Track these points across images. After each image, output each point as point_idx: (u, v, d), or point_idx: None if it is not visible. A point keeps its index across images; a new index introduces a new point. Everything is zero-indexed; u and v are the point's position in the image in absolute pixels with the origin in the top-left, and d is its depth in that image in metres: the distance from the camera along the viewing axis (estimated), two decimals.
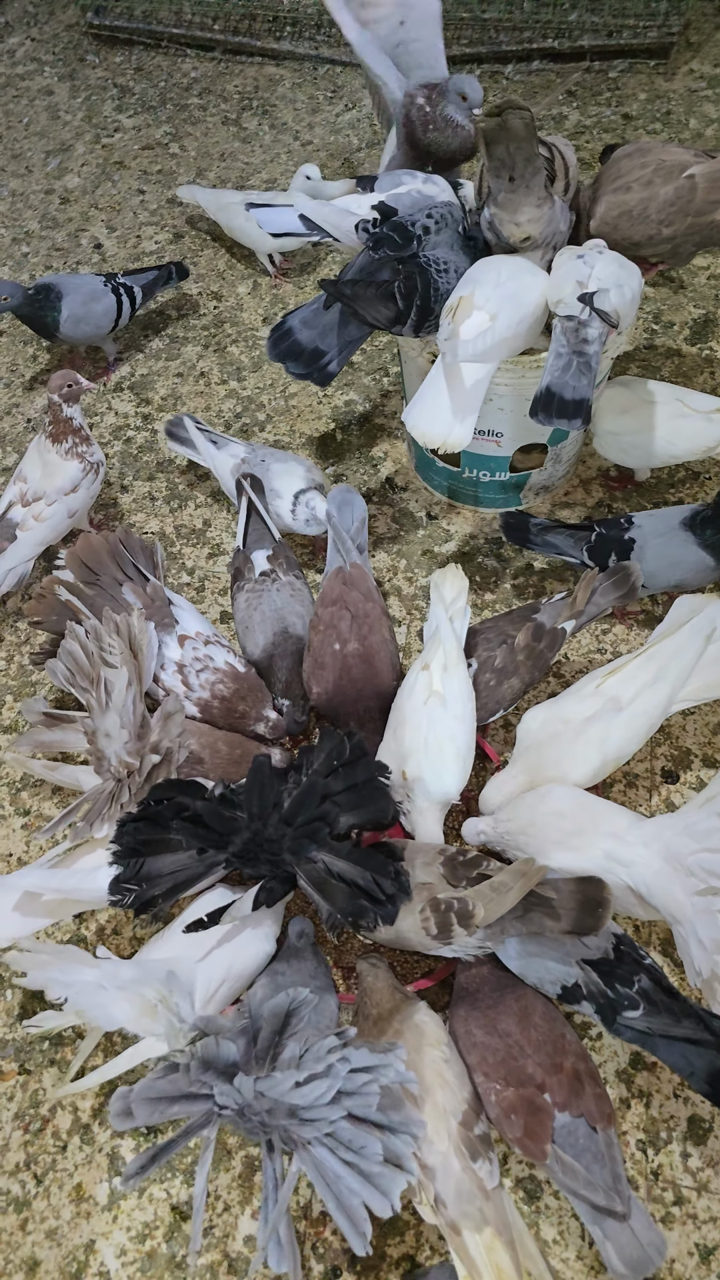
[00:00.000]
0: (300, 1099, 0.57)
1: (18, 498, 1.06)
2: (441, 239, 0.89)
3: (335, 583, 0.94)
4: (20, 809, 0.98)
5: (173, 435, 1.16)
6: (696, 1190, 0.73)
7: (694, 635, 0.81)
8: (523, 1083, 0.66)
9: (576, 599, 0.87)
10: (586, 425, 0.85)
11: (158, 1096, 0.59)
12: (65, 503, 1.06)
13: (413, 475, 1.23)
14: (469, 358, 0.84)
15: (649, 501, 1.17)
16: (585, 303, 0.82)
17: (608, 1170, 0.63)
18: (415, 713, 0.82)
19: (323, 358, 0.88)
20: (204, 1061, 0.60)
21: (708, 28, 1.87)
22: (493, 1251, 0.63)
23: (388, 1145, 0.58)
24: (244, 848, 0.71)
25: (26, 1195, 0.75)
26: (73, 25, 2.07)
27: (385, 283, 0.86)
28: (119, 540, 0.96)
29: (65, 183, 1.72)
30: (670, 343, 1.32)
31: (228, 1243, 0.73)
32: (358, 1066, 0.59)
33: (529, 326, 0.88)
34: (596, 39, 1.76)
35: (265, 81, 1.90)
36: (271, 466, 1.06)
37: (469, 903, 0.68)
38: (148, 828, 0.72)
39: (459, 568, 0.92)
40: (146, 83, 1.92)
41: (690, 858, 0.71)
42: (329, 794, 0.71)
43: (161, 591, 0.94)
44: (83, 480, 1.06)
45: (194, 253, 1.56)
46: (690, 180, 0.89)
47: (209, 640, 0.92)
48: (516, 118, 0.79)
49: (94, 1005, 0.65)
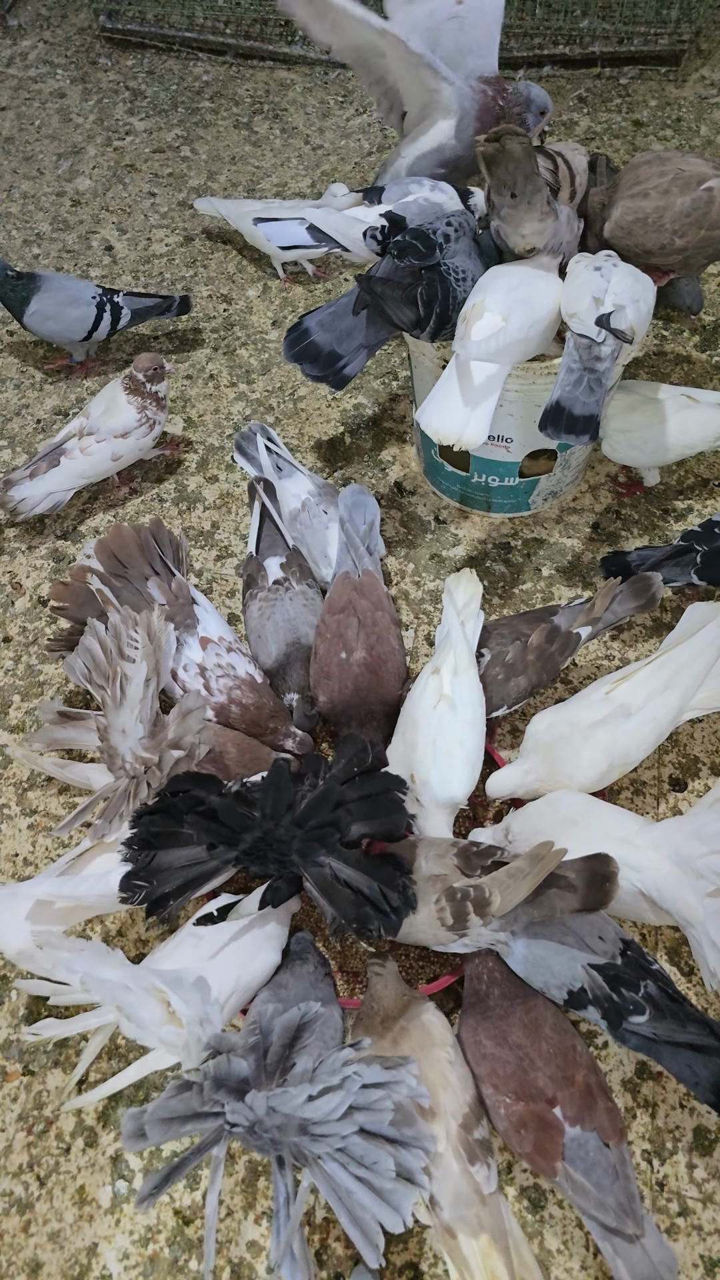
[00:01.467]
0: (312, 1113, 0.57)
1: (77, 430, 1.13)
2: (460, 247, 0.90)
3: (344, 589, 0.94)
4: (27, 809, 0.98)
5: (241, 450, 1.14)
6: (702, 1202, 0.73)
7: (707, 644, 0.81)
8: (533, 1097, 0.66)
9: (595, 605, 0.87)
10: (595, 440, 0.85)
11: (170, 1117, 0.59)
12: (112, 445, 1.10)
13: (421, 480, 1.23)
14: (481, 356, 0.84)
15: (657, 509, 1.17)
16: (603, 326, 0.82)
17: (620, 1188, 0.63)
18: (424, 717, 0.82)
19: (339, 361, 0.89)
20: (217, 1080, 0.60)
21: (718, 35, 1.88)
22: (488, 1258, 0.63)
23: (400, 1160, 0.58)
24: (254, 846, 0.71)
25: (29, 1197, 0.75)
26: (85, 29, 2.08)
27: (410, 285, 0.87)
28: (150, 533, 0.96)
29: (76, 185, 1.73)
30: (680, 349, 1.32)
31: (230, 1248, 0.72)
32: (370, 1082, 0.59)
33: (541, 331, 0.88)
34: (607, 46, 1.76)
35: (276, 86, 1.91)
36: (331, 526, 1.01)
37: (485, 890, 0.68)
38: (163, 820, 0.72)
39: (473, 573, 0.92)
40: (158, 86, 1.93)
41: (700, 860, 0.71)
42: (343, 801, 0.71)
43: (186, 588, 0.94)
44: (135, 430, 1.10)
45: (204, 256, 1.57)
46: (708, 193, 0.89)
47: (231, 647, 0.92)
48: (515, 142, 0.81)
49: (127, 1004, 0.63)
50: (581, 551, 1.14)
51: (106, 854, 0.78)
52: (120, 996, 0.63)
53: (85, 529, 1.22)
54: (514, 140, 0.80)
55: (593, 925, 0.70)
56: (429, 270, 0.87)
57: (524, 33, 1.77)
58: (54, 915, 0.76)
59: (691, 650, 0.81)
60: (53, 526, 1.22)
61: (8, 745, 1.02)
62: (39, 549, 1.20)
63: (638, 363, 1.31)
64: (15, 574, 1.18)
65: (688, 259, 0.94)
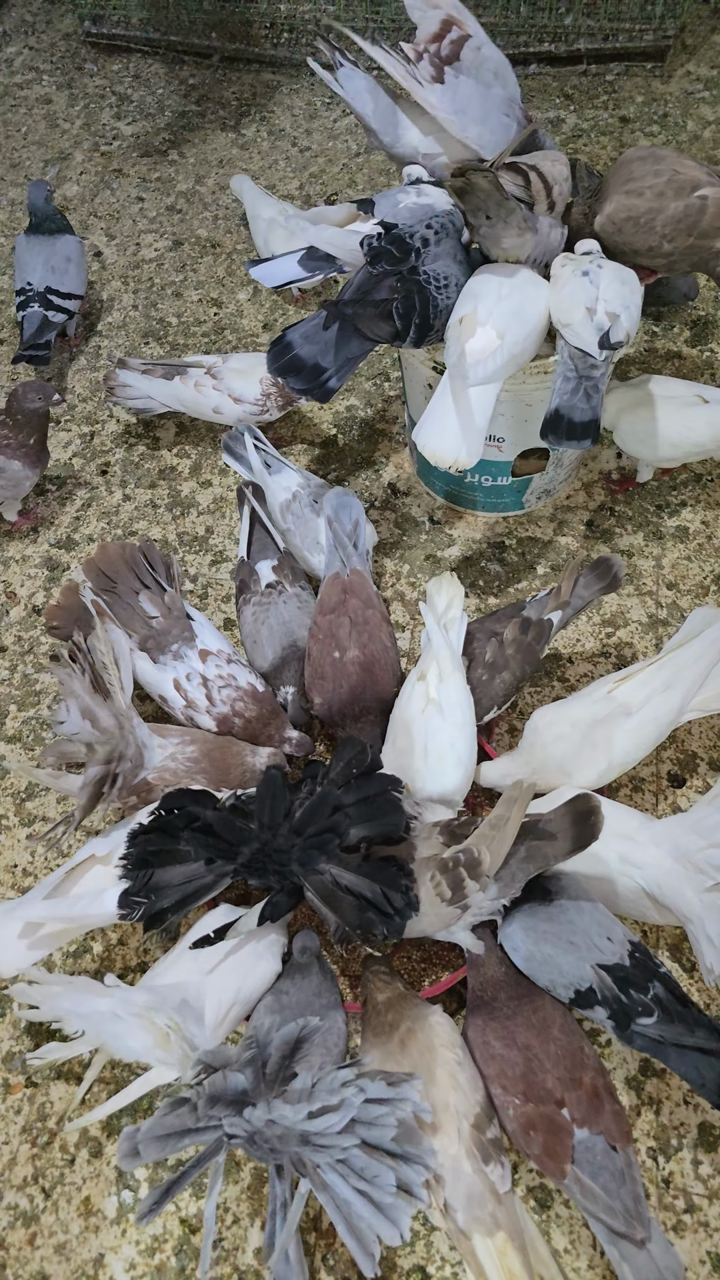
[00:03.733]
0: (312, 1127, 0.57)
1: (206, 366, 1.16)
2: (443, 249, 0.89)
3: (334, 590, 0.94)
4: (25, 819, 0.97)
5: (229, 450, 1.14)
6: (708, 1198, 0.73)
7: (708, 645, 0.81)
8: (542, 1099, 0.66)
9: (561, 590, 0.88)
10: (595, 444, 0.85)
11: (166, 1134, 0.59)
12: (221, 399, 1.13)
13: (415, 480, 1.23)
14: (480, 380, 0.84)
15: (651, 504, 1.17)
16: (605, 347, 0.83)
17: (628, 1191, 0.63)
18: (414, 722, 0.82)
19: (323, 374, 0.88)
20: (212, 1098, 0.59)
21: (703, 30, 1.88)
22: (505, 1256, 0.63)
23: (400, 1174, 0.57)
24: (252, 858, 0.70)
25: (35, 1209, 0.75)
26: (70, 34, 2.08)
27: (384, 301, 0.86)
28: (139, 550, 0.97)
29: (64, 191, 1.72)
30: (670, 345, 1.32)
31: (237, 1255, 0.72)
32: (373, 1098, 0.59)
33: (535, 341, 0.88)
34: (593, 43, 1.76)
35: (263, 88, 1.90)
36: (321, 517, 1.02)
37: (473, 850, 0.69)
38: (159, 838, 0.72)
39: (454, 575, 0.92)
40: (144, 90, 1.93)
41: (698, 854, 0.71)
42: (341, 805, 0.71)
43: (179, 601, 0.94)
44: (249, 405, 1.13)
45: (193, 260, 1.56)
46: (701, 201, 0.89)
47: (230, 659, 0.93)
48: (480, 178, 0.81)
49: (112, 1036, 0.64)
50: (576, 549, 1.14)
51: (99, 868, 0.77)
52: (107, 1028, 0.64)
53: (79, 536, 1.22)
54: (479, 176, 0.81)
55: (601, 925, 0.70)
56: (405, 279, 0.86)
57: (509, 31, 1.77)
58: (48, 938, 0.75)
59: (693, 652, 0.81)
60: (46, 535, 1.22)
61: (5, 758, 1.01)
62: (33, 558, 1.20)
63: (629, 360, 1.31)
64: (10, 583, 1.17)
65: (672, 264, 0.94)
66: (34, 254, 1.31)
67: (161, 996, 0.66)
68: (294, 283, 0.98)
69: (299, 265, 0.97)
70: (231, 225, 1.62)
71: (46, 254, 1.31)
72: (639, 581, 1.10)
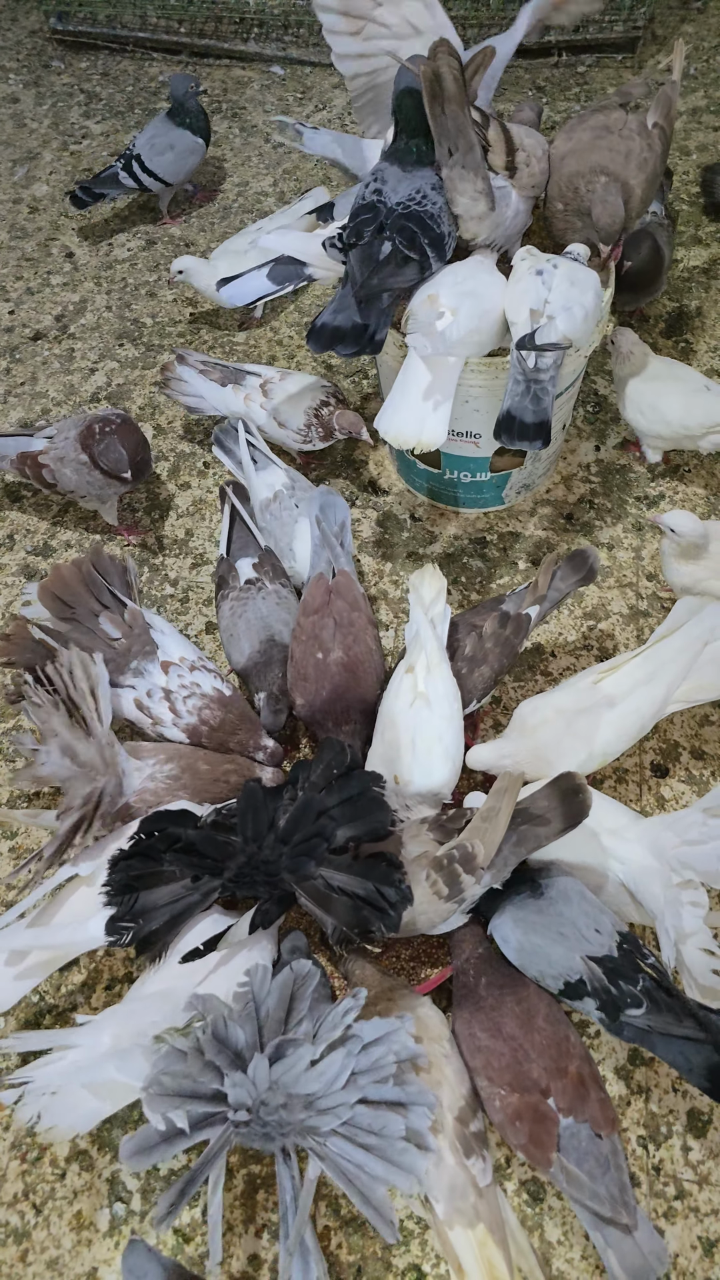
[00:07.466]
0: (317, 1081, 0.57)
1: (261, 380, 1.14)
2: (389, 175, 0.88)
3: (319, 591, 0.93)
4: (6, 831, 0.96)
5: (220, 443, 1.13)
6: (698, 1183, 0.73)
7: (692, 639, 0.82)
8: (527, 1089, 0.66)
9: (538, 584, 0.88)
10: (547, 445, 0.86)
11: (169, 1092, 0.58)
12: (266, 417, 1.12)
13: (395, 478, 1.22)
14: (436, 350, 0.84)
15: (630, 496, 1.18)
16: (526, 347, 0.84)
17: (613, 1179, 0.63)
18: (401, 715, 0.82)
19: (367, 329, 0.87)
20: (216, 1039, 0.59)
21: (673, 21, 1.88)
22: (484, 1248, 0.63)
23: (407, 1121, 0.58)
24: (240, 871, 0.70)
25: (26, 1226, 0.74)
26: (36, 31, 2.04)
27: (390, 254, 0.85)
28: (90, 564, 0.93)
29: (34, 191, 1.70)
30: (646, 336, 1.33)
31: (231, 1263, 0.72)
32: (370, 1040, 0.59)
33: (491, 322, 0.89)
34: (564, 34, 1.76)
35: (233, 84, 1.88)
36: (300, 520, 1.01)
37: (467, 844, 0.69)
38: (140, 863, 0.71)
39: (436, 568, 0.92)
40: (113, 88, 1.90)
41: (670, 852, 0.71)
42: (324, 809, 0.71)
43: (140, 617, 0.92)
44: (290, 431, 1.12)
45: (166, 260, 1.55)
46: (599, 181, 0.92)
47: (194, 666, 0.91)
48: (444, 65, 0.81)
49: (51, 1112, 0.64)
50: (556, 543, 1.14)
51: (84, 889, 0.75)
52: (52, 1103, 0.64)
53: (57, 543, 1.20)
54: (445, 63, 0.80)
55: (590, 917, 0.70)
56: (389, 222, 0.85)
57: (479, 24, 1.76)
58: (36, 968, 0.74)
59: (676, 644, 0.82)
60: (22, 542, 1.20)
61: None
62: (9, 566, 1.18)
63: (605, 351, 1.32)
64: None
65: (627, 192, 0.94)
66: (153, 129, 1.50)
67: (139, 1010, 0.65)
68: (265, 298, 0.97)
69: (267, 279, 0.96)
70: (205, 224, 1.60)
71: (160, 134, 1.49)
72: (619, 573, 1.11)
